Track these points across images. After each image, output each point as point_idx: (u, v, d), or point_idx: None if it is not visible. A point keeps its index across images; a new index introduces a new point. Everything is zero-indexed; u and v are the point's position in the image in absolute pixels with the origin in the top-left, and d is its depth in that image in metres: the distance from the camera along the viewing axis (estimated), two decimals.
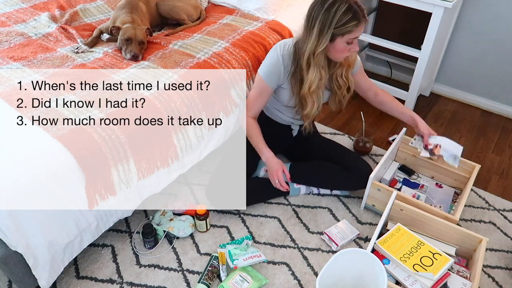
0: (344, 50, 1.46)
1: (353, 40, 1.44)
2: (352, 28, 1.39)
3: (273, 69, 1.57)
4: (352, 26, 1.39)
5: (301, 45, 1.49)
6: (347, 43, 1.43)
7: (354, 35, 1.42)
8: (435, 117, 2.42)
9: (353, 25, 1.38)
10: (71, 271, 1.50)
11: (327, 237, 1.62)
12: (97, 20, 2.13)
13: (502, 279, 1.53)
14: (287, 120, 1.79)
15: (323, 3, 1.39)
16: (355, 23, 1.38)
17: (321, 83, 1.54)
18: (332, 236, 1.61)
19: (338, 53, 1.47)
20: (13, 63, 1.67)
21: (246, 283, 1.43)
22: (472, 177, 1.75)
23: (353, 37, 1.42)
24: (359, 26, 1.40)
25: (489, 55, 2.31)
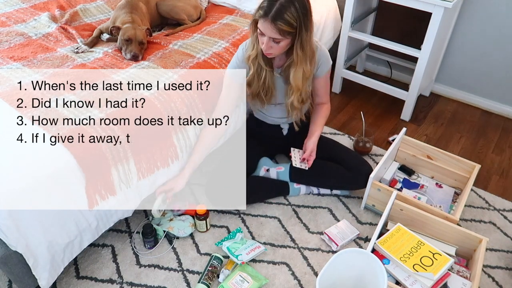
0: (259, 37, 1.44)
1: (261, 33, 1.40)
2: (257, 16, 1.37)
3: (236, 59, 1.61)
4: (259, 15, 1.36)
5: None
6: (259, 33, 1.42)
7: (259, 25, 1.39)
8: (435, 117, 2.42)
9: (259, 14, 1.36)
10: (71, 271, 1.50)
11: (327, 237, 1.62)
12: (97, 20, 2.13)
13: (502, 279, 1.53)
14: (275, 120, 1.80)
15: None
16: (261, 13, 1.35)
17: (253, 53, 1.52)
18: (332, 236, 1.61)
19: (258, 37, 1.46)
20: (13, 63, 1.67)
21: (246, 283, 1.43)
22: (472, 177, 1.75)
23: (259, 27, 1.39)
24: (262, 19, 1.35)
25: (489, 55, 2.31)
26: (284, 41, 1.41)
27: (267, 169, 1.83)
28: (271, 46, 1.42)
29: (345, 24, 2.31)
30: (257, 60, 1.54)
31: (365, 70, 2.85)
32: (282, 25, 1.34)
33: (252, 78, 1.59)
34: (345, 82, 2.60)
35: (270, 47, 1.42)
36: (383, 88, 2.38)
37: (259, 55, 1.53)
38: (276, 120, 1.80)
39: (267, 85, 1.60)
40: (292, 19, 1.34)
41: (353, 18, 2.30)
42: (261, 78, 1.59)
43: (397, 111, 2.43)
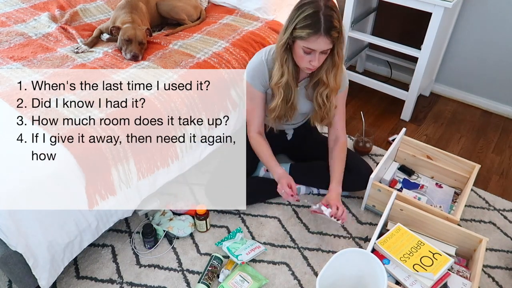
0: (302, 58, 1.39)
1: (311, 51, 1.35)
2: (306, 36, 1.31)
3: (256, 72, 1.54)
4: (307, 34, 1.31)
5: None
6: (304, 51, 1.36)
7: (308, 44, 1.33)
8: (435, 117, 2.42)
9: (307, 33, 1.30)
10: (71, 271, 1.50)
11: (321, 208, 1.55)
12: (97, 20, 2.13)
13: (502, 279, 1.53)
14: (281, 126, 1.78)
15: (298, 3, 1.36)
16: (310, 31, 1.30)
17: (283, 80, 1.47)
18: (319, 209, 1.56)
19: (297, 58, 1.41)
20: (13, 63, 1.67)
21: (246, 283, 1.43)
22: (472, 177, 1.75)
23: (307, 46, 1.34)
24: (314, 36, 1.30)
25: (489, 55, 2.31)
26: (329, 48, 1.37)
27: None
28: (320, 59, 1.38)
29: (345, 24, 2.31)
30: (288, 84, 1.49)
31: (365, 70, 2.85)
32: (334, 33, 1.31)
33: (276, 104, 1.54)
34: None
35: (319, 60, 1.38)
36: (383, 88, 2.38)
37: (290, 79, 1.48)
38: (283, 126, 1.79)
39: (294, 104, 1.56)
40: (337, 23, 1.32)
41: (353, 18, 2.30)
42: (289, 101, 1.54)
43: (397, 111, 2.43)
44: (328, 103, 1.54)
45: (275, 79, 1.49)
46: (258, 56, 1.56)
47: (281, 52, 1.43)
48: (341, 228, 1.69)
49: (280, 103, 1.54)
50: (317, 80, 1.51)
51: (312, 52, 1.36)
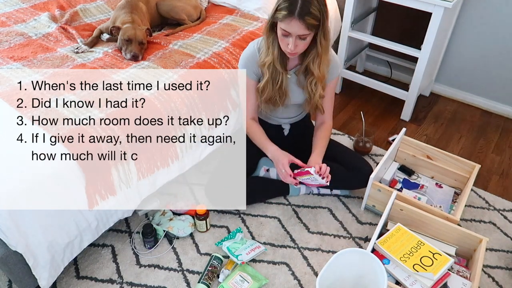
0: (282, 40, 1.42)
1: (288, 34, 1.37)
2: (281, 17, 1.34)
3: (248, 60, 1.57)
4: (283, 15, 1.34)
5: None
6: (282, 34, 1.39)
7: (283, 26, 1.36)
8: (435, 117, 2.42)
9: (283, 15, 1.34)
10: (71, 271, 1.50)
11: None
12: (97, 20, 2.13)
13: (502, 279, 1.53)
14: (277, 120, 1.79)
15: None
16: (285, 13, 1.33)
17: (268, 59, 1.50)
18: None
19: (279, 40, 1.44)
20: (13, 63, 1.67)
21: (246, 283, 1.43)
22: (472, 177, 1.75)
23: (283, 28, 1.37)
24: (288, 18, 1.33)
25: (489, 55, 2.31)
26: (309, 35, 1.40)
27: (267, 169, 1.83)
28: (297, 45, 1.41)
29: (345, 24, 2.31)
30: (272, 65, 1.52)
31: (365, 70, 2.85)
32: (309, 19, 1.33)
33: (266, 85, 1.56)
34: (345, 82, 2.60)
35: (296, 45, 1.41)
36: (383, 88, 2.38)
37: (275, 60, 1.51)
38: (279, 120, 1.79)
39: (283, 88, 1.58)
40: (316, 11, 1.34)
41: (353, 18, 2.30)
42: (276, 83, 1.56)
43: (397, 111, 2.43)
44: (316, 92, 1.58)
45: (261, 58, 1.53)
46: (250, 45, 1.60)
47: (267, 32, 1.47)
48: (341, 228, 1.70)
49: (267, 84, 1.57)
50: (306, 68, 1.54)
51: (289, 36, 1.39)
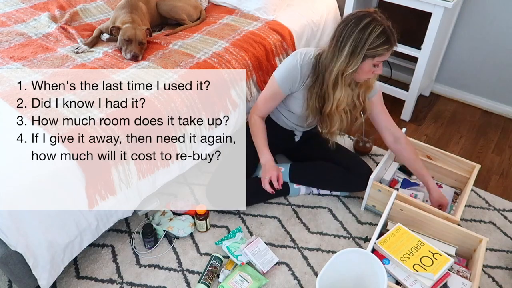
0: (369, 71, 1.44)
1: (380, 63, 1.42)
2: (383, 52, 1.38)
3: (289, 75, 1.53)
4: (384, 50, 1.37)
5: (327, 62, 1.45)
6: (374, 65, 1.42)
7: (383, 58, 1.40)
8: (435, 117, 2.42)
9: (385, 49, 1.37)
10: (71, 271, 1.50)
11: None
12: (97, 20, 2.13)
13: (502, 279, 1.53)
14: (291, 126, 1.78)
15: (357, 23, 1.35)
16: (387, 47, 1.37)
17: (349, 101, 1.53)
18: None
19: (364, 74, 1.45)
20: (13, 63, 1.67)
21: (246, 283, 1.43)
22: (472, 177, 1.75)
23: (382, 60, 1.41)
24: (390, 50, 1.39)
25: (489, 55, 2.31)
26: None
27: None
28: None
29: None
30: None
31: None
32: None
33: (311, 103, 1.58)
34: None
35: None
36: (383, 88, 2.38)
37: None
38: (293, 125, 1.77)
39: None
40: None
41: None
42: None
43: (397, 111, 2.42)
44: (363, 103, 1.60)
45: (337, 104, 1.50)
46: (293, 58, 1.53)
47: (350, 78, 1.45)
48: (341, 228, 1.70)
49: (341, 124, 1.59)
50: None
51: (380, 63, 1.43)
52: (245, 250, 1.49)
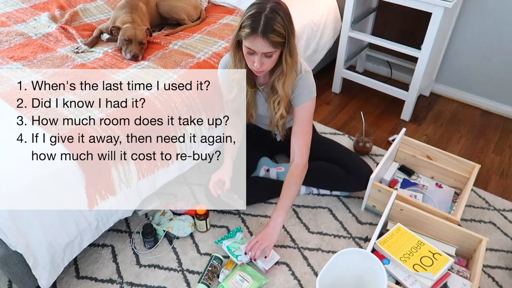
0: (247, 58, 1.39)
1: (253, 52, 1.34)
2: (245, 35, 1.31)
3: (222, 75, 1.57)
4: (246, 33, 1.31)
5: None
6: (248, 52, 1.36)
7: (248, 44, 1.33)
8: (435, 117, 2.42)
9: (246, 32, 1.31)
10: (71, 271, 1.50)
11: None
12: (97, 20, 2.13)
13: (502, 279, 1.53)
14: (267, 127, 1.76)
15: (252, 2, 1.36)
16: (248, 31, 1.30)
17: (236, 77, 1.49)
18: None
19: (246, 58, 1.41)
20: (13, 63, 1.67)
21: (246, 283, 1.43)
22: (472, 177, 1.75)
23: (247, 46, 1.34)
24: (252, 36, 1.30)
25: (489, 55, 2.31)
26: (275, 53, 1.36)
27: (267, 169, 1.83)
28: (263, 62, 1.37)
29: (345, 24, 2.31)
30: (240, 82, 1.51)
31: (365, 70, 2.85)
32: (273, 36, 1.30)
33: (234, 98, 1.57)
34: (345, 82, 2.60)
35: (262, 63, 1.37)
36: (383, 88, 2.38)
37: (241, 77, 1.49)
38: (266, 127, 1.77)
39: (250, 103, 1.59)
40: (281, 28, 1.31)
41: (353, 18, 2.30)
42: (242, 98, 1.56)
43: (397, 111, 2.43)
44: (277, 111, 1.52)
45: (230, 75, 1.51)
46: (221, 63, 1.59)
47: (233, 50, 1.45)
48: (341, 228, 1.70)
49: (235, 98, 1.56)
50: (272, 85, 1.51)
51: (254, 53, 1.36)
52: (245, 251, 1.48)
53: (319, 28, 2.31)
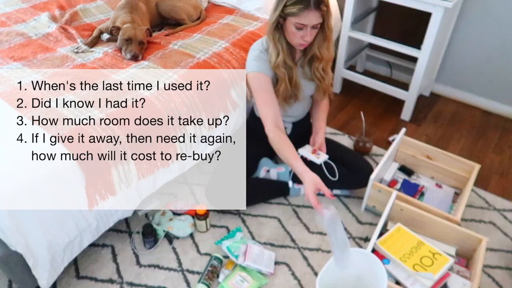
0: (295, 34, 1.42)
1: (303, 26, 1.38)
2: (297, 11, 1.35)
3: (261, 59, 1.55)
4: (298, 9, 1.34)
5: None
6: (296, 28, 1.40)
7: (300, 19, 1.37)
8: (435, 117, 2.42)
9: (298, 8, 1.34)
10: (71, 271, 1.50)
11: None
12: (97, 20, 2.13)
13: (502, 279, 1.53)
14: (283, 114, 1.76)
15: None
16: (301, 6, 1.34)
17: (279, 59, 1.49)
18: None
19: (290, 35, 1.44)
20: (13, 63, 1.67)
21: (246, 283, 1.43)
22: (472, 177, 1.75)
23: (299, 22, 1.38)
24: (305, 11, 1.34)
25: (489, 55, 2.31)
26: (320, 23, 1.41)
27: (267, 169, 1.83)
28: (312, 34, 1.43)
29: (345, 24, 2.31)
30: (285, 63, 1.51)
31: (365, 70, 2.85)
32: (324, 7, 1.36)
33: (282, 85, 1.55)
34: (345, 82, 2.60)
35: (311, 35, 1.42)
36: (383, 88, 2.38)
37: (286, 57, 1.50)
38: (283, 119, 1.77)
39: (297, 83, 1.58)
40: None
41: (353, 18, 2.30)
42: (292, 80, 1.56)
43: (397, 111, 2.43)
44: (326, 76, 1.60)
45: (272, 59, 1.52)
46: (255, 49, 1.58)
47: (273, 31, 1.47)
48: None
49: (285, 84, 1.56)
50: (311, 57, 1.55)
51: (304, 28, 1.39)
52: (246, 263, 1.47)
53: None
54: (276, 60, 1.50)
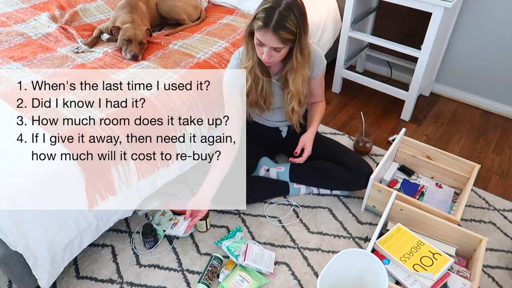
0: (257, 48, 1.43)
1: (262, 44, 1.38)
2: (257, 27, 1.35)
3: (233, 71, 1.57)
4: (258, 26, 1.34)
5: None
6: (257, 43, 1.40)
7: (259, 36, 1.37)
8: (435, 117, 2.42)
9: (258, 25, 1.34)
10: (71, 271, 1.50)
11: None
12: (97, 20, 2.13)
13: (502, 279, 1.53)
14: (274, 124, 1.80)
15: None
16: (259, 24, 1.34)
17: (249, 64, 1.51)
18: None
19: (256, 48, 1.44)
20: (13, 63, 1.67)
21: (246, 283, 1.43)
22: (472, 177, 1.75)
23: (257, 38, 1.37)
24: (263, 30, 1.33)
25: (490, 55, 2.31)
26: (284, 48, 1.40)
27: (267, 169, 1.83)
28: (272, 55, 1.41)
29: (345, 24, 2.31)
30: (253, 70, 1.53)
31: (365, 70, 2.85)
32: (284, 34, 1.33)
33: (250, 88, 1.58)
34: (345, 82, 2.60)
35: (270, 56, 1.41)
36: (383, 88, 2.38)
37: (255, 65, 1.52)
38: (275, 123, 1.80)
39: (265, 93, 1.60)
40: (292, 26, 1.34)
41: (353, 18, 2.30)
42: (258, 87, 1.58)
43: (397, 111, 2.43)
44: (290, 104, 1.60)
45: (243, 62, 1.54)
46: (233, 57, 1.60)
47: (246, 39, 1.47)
48: (341, 228, 1.70)
49: (251, 88, 1.57)
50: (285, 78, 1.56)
51: (264, 45, 1.39)
52: (246, 263, 1.47)
53: (319, 28, 2.31)
54: (246, 64, 1.53)
